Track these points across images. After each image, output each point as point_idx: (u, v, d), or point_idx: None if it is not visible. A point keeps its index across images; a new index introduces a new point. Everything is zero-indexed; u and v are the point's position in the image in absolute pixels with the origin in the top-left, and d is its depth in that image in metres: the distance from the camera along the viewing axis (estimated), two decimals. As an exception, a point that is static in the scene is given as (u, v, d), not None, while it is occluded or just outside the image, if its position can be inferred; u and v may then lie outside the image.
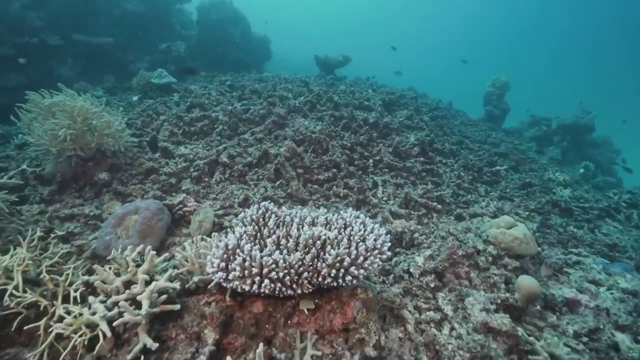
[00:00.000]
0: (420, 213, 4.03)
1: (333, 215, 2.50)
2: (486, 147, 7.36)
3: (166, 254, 2.44)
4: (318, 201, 4.01)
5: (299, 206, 3.84)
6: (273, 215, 2.48)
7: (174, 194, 3.84)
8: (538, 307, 2.73)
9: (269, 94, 6.34)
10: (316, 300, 2.22)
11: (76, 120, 3.70)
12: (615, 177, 9.68)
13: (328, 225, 2.46)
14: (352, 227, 2.31)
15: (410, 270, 2.88)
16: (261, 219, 2.44)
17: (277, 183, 4.20)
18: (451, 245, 2.99)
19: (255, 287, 1.90)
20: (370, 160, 4.80)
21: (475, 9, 50.33)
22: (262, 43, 13.08)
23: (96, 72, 8.90)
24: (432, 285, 2.74)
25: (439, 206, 4.21)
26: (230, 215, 3.55)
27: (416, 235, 3.49)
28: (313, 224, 2.51)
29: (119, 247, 2.66)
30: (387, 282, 2.83)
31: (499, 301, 2.62)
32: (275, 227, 2.39)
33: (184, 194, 3.50)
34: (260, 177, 4.33)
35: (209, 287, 2.25)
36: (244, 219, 2.42)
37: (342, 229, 2.34)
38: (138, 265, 2.21)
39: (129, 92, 8.12)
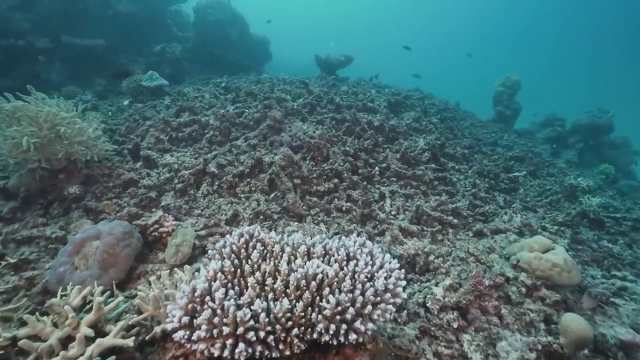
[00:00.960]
0: (434, 229, 3.53)
1: (333, 242, 2.01)
2: (500, 150, 6.83)
3: (125, 295, 1.97)
4: (317, 216, 3.53)
5: (295, 223, 3.37)
6: (258, 245, 1.99)
7: (153, 210, 3.38)
8: (586, 351, 2.22)
9: (265, 95, 5.88)
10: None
11: (42, 127, 3.26)
12: (637, 180, 9.09)
13: (327, 257, 1.97)
14: (357, 261, 1.83)
15: (428, 304, 2.38)
16: (243, 249, 1.96)
17: (272, 195, 3.72)
18: (476, 274, 2.49)
19: (227, 352, 1.42)
20: (376, 168, 4.31)
21: (477, 9, 49.83)
22: (261, 44, 12.66)
23: (87, 75, 8.50)
24: (455, 325, 2.24)
25: (455, 220, 3.70)
26: (216, 235, 3.08)
27: (432, 257, 2.99)
28: (308, 254, 2.02)
29: (75, 280, 2.19)
30: (399, 320, 2.33)
31: (539, 347, 2.12)
32: (260, 260, 1.91)
33: (161, 212, 3.03)
34: (253, 188, 3.86)
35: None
36: (222, 250, 1.94)
37: (345, 262, 1.86)
38: (90, 310, 1.74)
39: (121, 96, 7.71)
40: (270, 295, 1.67)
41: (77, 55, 8.37)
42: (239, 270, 1.82)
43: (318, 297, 1.62)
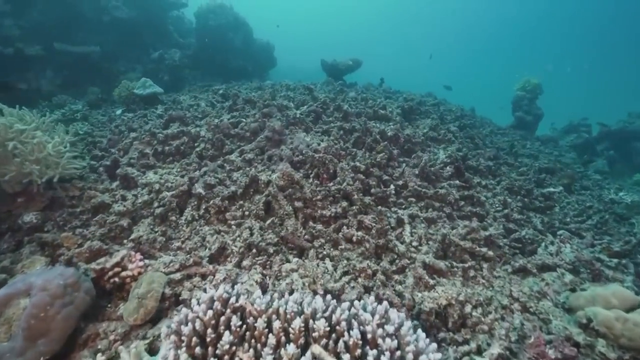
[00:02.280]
0: (465, 265, 2.87)
1: (342, 311, 1.40)
2: (527, 161, 6.13)
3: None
4: (322, 249, 2.90)
5: (295, 259, 2.74)
6: (235, 318, 1.38)
7: (124, 242, 2.80)
8: None
9: (265, 103, 5.31)
10: None
11: (-9, 144, 2.73)
12: (676, 192, 8.24)
13: (334, 336, 1.35)
14: (379, 351, 1.21)
15: (473, 387, 1.73)
16: (211, 328, 1.35)
17: (268, 222, 3.11)
18: (535, 341, 1.84)
19: None
20: (392, 187, 3.67)
21: (486, 10, 49.18)
22: (265, 50, 12.20)
23: (82, 83, 8.08)
24: None
25: (490, 252, 3.03)
26: (195, 277, 2.47)
27: (468, 308, 2.33)
28: (307, 329, 1.41)
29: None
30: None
31: None
32: (235, 347, 1.29)
33: (125, 251, 2.44)
34: (246, 213, 3.25)
35: None
36: (181, 329, 1.33)
37: (359, 352, 1.23)
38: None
39: (115, 105, 7.24)
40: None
41: (70, 63, 7.97)
42: (199, 367, 1.21)
43: None
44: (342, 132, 4.68)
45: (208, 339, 1.32)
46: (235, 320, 1.36)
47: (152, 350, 1.77)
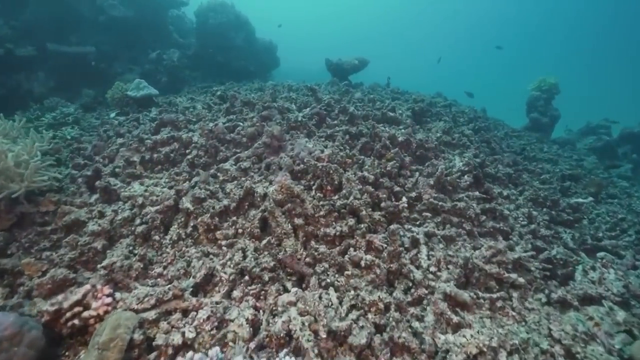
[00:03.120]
0: (493, 296, 2.45)
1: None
2: (548, 167, 5.67)
3: None
4: (325, 275, 2.50)
5: (294, 289, 2.35)
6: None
7: (98, 268, 2.42)
8: None
9: (265, 105, 4.93)
10: None
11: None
12: None
13: None
14: None
15: None
16: None
17: (264, 242, 2.72)
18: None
19: None
20: (404, 200, 3.25)
21: (484, 11, 48.50)
22: (268, 50, 11.84)
23: (77, 86, 7.77)
24: None
25: (520, 279, 2.61)
26: (175, 314, 2.09)
27: (502, 356, 1.91)
28: None
29: None
30: None
31: None
32: None
33: (90, 284, 2.06)
34: (240, 231, 2.87)
35: None
36: None
37: None
38: None
39: (111, 107, 6.91)
40: None
41: (64, 64, 7.66)
42: None
43: None
44: (348, 136, 4.28)
45: None
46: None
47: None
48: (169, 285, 2.14)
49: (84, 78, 7.99)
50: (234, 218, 2.98)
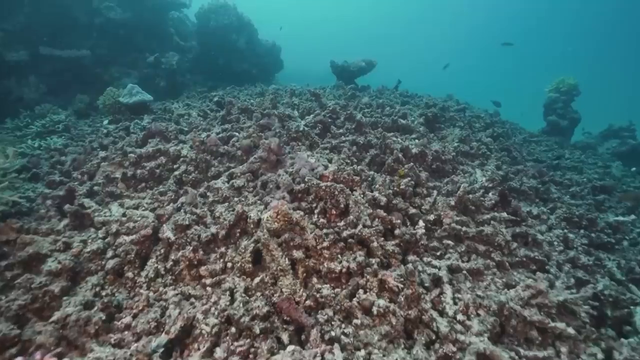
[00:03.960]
0: (539, 355, 1.97)
1: None
2: (577, 177, 5.15)
3: None
4: (329, 326, 2.05)
5: (291, 347, 1.91)
6: None
7: (54, 312, 2.00)
8: None
9: (264, 112, 4.51)
10: None
11: None
12: None
13: None
14: None
15: None
16: None
17: (256, 281, 2.29)
18: None
19: None
20: (421, 224, 2.79)
21: (490, 12, 47.66)
22: (271, 52, 11.46)
23: (72, 91, 7.44)
24: None
25: (570, 330, 2.13)
26: (139, 386, 1.65)
27: None
28: None
29: None
30: None
31: None
32: None
33: (34, 351, 1.64)
34: (229, 265, 2.43)
35: None
36: None
37: None
38: None
39: (105, 115, 6.56)
40: None
41: (58, 69, 7.36)
42: None
43: None
44: (355, 148, 3.84)
45: None
46: None
47: None
48: (133, 349, 1.71)
49: (79, 83, 7.68)
50: (223, 249, 2.55)
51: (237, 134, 4.01)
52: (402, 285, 2.23)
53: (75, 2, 7.53)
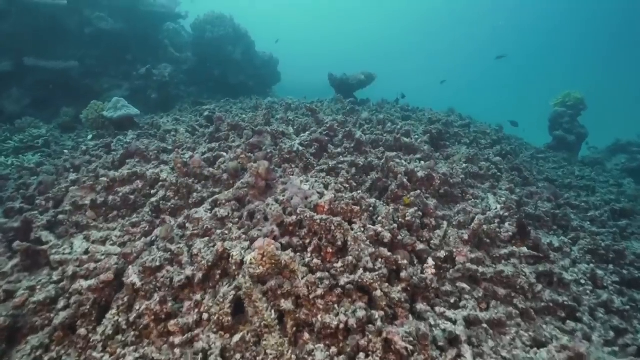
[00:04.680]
0: None
1: None
2: (593, 200, 4.79)
3: None
4: (323, 405, 1.64)
5: None
6: None
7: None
8: None
9: (256, 129, 4.16)
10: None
11: None
12: None
13: None
14: None
15: None
16: None
17: (235, 339, 1.89)
18: None
19: None
20: (430, 263, 2.41)
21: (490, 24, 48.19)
22: (268, 64, 11.22)
23: (59, 103, 7.11)
24: None
25: (619, 405, 1.72)
26: None
27: None
28: None
29: None
30: None
31: None
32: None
33: None
34: (204, 317, 2.04)
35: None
36: None
37: None
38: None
39: (89, 129, 6.21)
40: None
41: (44, 81, 7.04)
42: None
43: None
44: (355, 170, 3.48)
45: None
46: None
47: None
48: None
49: (67, 95, 7.35)
50: (199, 296, 2.15)
51: (225, 154, 3.65)
52: (411, 347, 1.83)
53: (65, 11, 7.26)
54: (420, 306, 2.19)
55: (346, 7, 55.01)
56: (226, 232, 2.66)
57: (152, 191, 3.10)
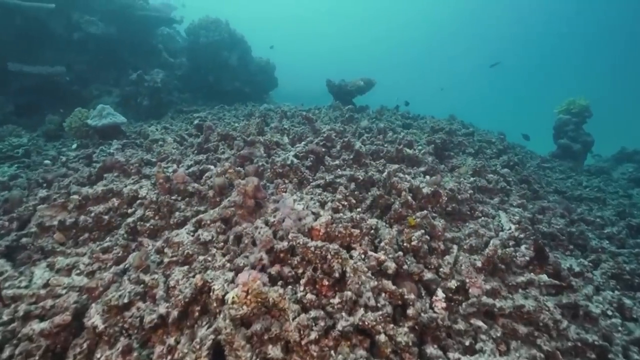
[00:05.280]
0: None
1: None
2: (608, 215, 4.51)
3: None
4: None
5: None
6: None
7: None
8: None
9: (248, 139, 3.88)
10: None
11: None
12: None
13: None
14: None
15: None
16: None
17: (212, 399, 1.57)
18: None
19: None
20: (439, 295, 2.11)
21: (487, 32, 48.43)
22: (264, 70, 10.98)
23: (46, 111, 6.81)
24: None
25: None
26: None
27: None
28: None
29: None
30: None
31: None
32: None
33: None
34: (177, 367, 1.72)
35: None
36: None
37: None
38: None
39: (74, 138, 5.90)
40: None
41: (28, 87, 6.75)
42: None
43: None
44: (354, 185, 3.18)
45: None
46: None
47: None
48: None
49: (55, 102, 7.06)
50: (172, 340, 1.84)
51: (212, 167, 3.35)
52: (423, 409, 1.52)
53: (52, 15, 7.00)
54: (431, 350, 1.88)
55: (347, 13, 55.32)
56: (209, 258, 2.35)
57: (130, 210, 2.80)
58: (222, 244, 2.46)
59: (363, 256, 2.23)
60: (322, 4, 54.59)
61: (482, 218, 3.15)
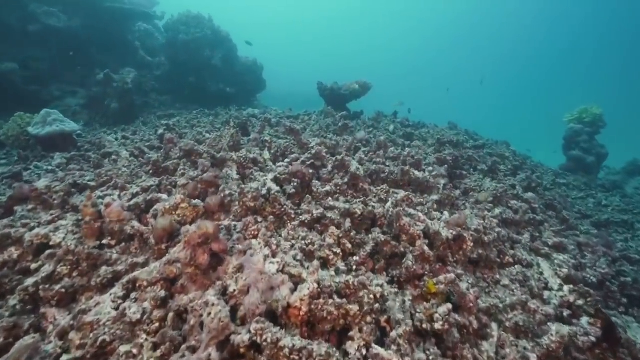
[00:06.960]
0: None
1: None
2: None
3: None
4: None
5: None
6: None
7: None
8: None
9: (217, 155, 3.09)
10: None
11: None
12: None
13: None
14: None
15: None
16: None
17: None
18: None
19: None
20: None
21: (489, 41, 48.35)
22: (251, 71, 10.17)
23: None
24: None
25: None
26: None
27: None
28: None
29: None
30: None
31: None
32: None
33: None
34: None
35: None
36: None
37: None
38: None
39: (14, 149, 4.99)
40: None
41: (-27, 86, 5.85)
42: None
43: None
44: (350, 223, 2.41)
45: None
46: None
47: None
48: None
49: (6, 104, 6.15)
50: None
51: (165, 196, 2.55)
52: None
53: (3, 4, 6.11)
54: None
55: (341, 16, 54.78)
56: (134, 351, 1.56)
57: (35, 265, 1.98)
58: (156, 324, 1.67)
59: (364, 351, 1.47)
60: (320, 9, 53.95)
61: (516, 267, 2.41)
